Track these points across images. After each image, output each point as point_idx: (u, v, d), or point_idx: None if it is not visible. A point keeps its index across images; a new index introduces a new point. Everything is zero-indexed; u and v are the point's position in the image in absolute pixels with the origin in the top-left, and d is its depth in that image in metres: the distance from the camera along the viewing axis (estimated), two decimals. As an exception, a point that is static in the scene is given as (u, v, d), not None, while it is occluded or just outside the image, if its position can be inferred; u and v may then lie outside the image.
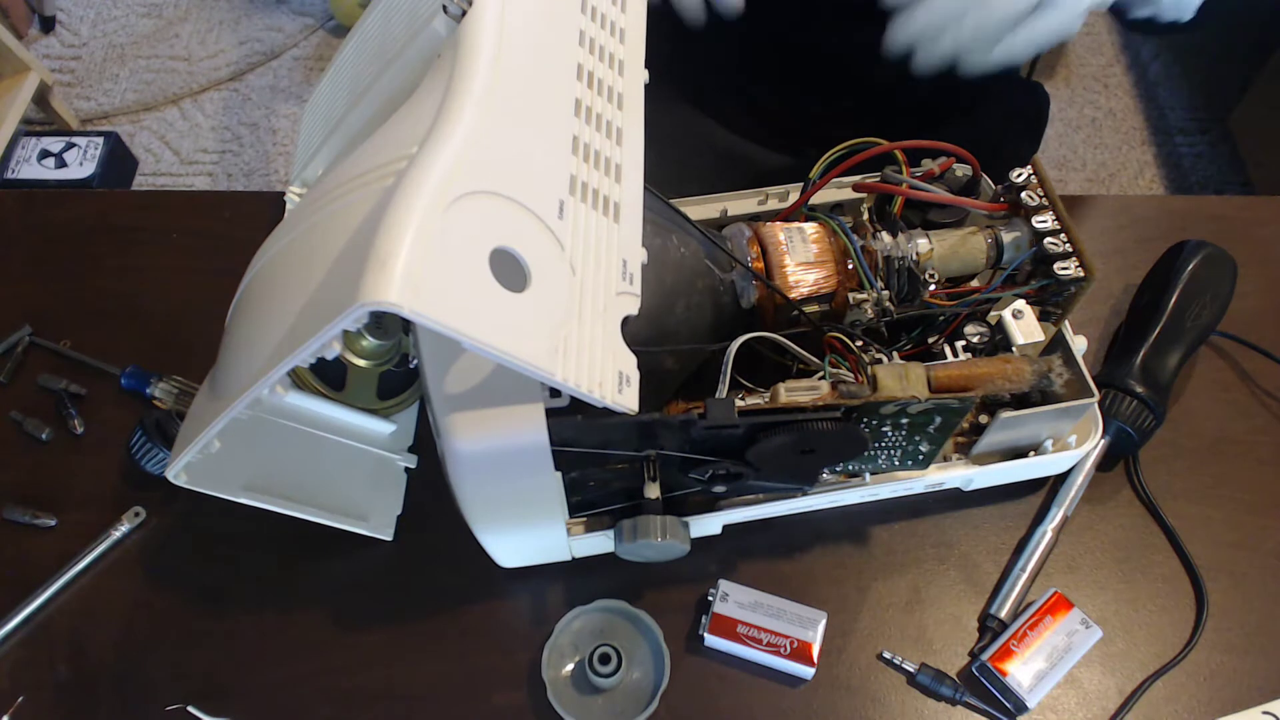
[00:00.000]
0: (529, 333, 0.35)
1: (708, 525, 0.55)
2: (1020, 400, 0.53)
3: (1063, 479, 0.59)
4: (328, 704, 0.54)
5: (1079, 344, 0.53)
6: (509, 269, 0.36)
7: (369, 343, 0.54)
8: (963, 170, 0.57)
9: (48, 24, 1.92)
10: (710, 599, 0.54)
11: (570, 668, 0.54)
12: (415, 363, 0.56)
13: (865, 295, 0.52)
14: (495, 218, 0.36)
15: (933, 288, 0.53)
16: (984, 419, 0.54)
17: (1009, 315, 0.52)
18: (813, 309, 0.52)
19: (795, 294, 0.52)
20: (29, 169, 1.61)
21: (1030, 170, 0.53)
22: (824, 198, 0.58)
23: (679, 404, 0.49)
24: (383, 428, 0.57)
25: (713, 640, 0.54)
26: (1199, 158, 1.73)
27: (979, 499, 0.59)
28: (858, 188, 0.57)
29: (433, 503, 0.58)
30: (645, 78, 0.49)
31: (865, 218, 0.56)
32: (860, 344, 0.50)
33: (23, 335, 0.66)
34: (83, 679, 0.54)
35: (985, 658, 0.53)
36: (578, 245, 0.40)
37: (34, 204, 0.74)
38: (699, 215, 0.60)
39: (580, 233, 0.40)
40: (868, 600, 0.56)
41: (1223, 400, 0.63)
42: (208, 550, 0.59)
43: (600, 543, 0.54)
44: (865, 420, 0.47)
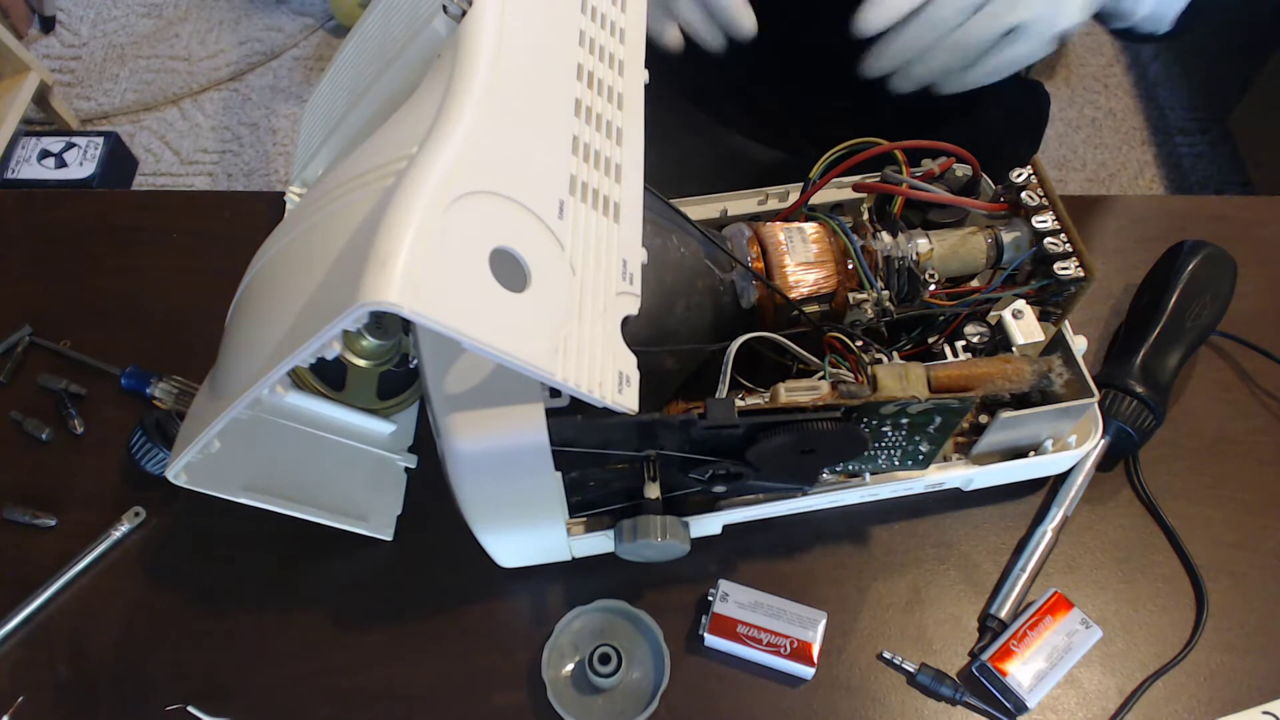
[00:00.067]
0: (529, 333, 0.35)
1: (708, 525, 0.55)
2: (1020, 400, 0.53)
3: (1063, 479, 0.59)
4: (328, 704, 0.54)
5: (1079, 344, 0.53)
6: (509, 269, 0.36)
7: (369, 343, 0.54)
8: (963, 170, 0.57)
9: (48, 24, 1.92)
10: (710, 599, 0.54)
11: (570, 668, 0.54)
12: (415, 363, 0.56)
13: (865, 295, 0.52)
14: (495, 218, 0.36)
15: (933, 288, 0.53)
16: (984, 419, 0.54)
17: (1009, 315, 0.52)
18: (813, 309, 0.52)
19: (795, 294, 0.52)
20: (29, 169, 1.61)
21: (1030, 170, 0.53)
22: (824, 198, 0.58)
23: (679, 404, 0.49)
24: (383, 428, 0.57)
25: (713, 640, 0.54)
26: (1199, 158, 1.73)
27: (979, 499, 0.59)
28: (858, 188, 0.57)
29: (433, 503, 0.58)
30: (645, 78, 0.49)
31: (865, 218, 0.56)
32: (860, 344, 0.50)
33: (23, 335, 0.66)
34: (83, 679, 0.54)
35: (985, 658, 0.53)
36: (578, 245, 0.40)
37: (34, 204, 0.74)
38: (699, 215, 0.60)
39: (580, 233, 0.40)
40: (868, 600, 0.56)
41: (1223, 400, 0.63)
42: (208, 550, 0.59)
43: (600, 543, 0.54)
44: (865, 420, 0.47)
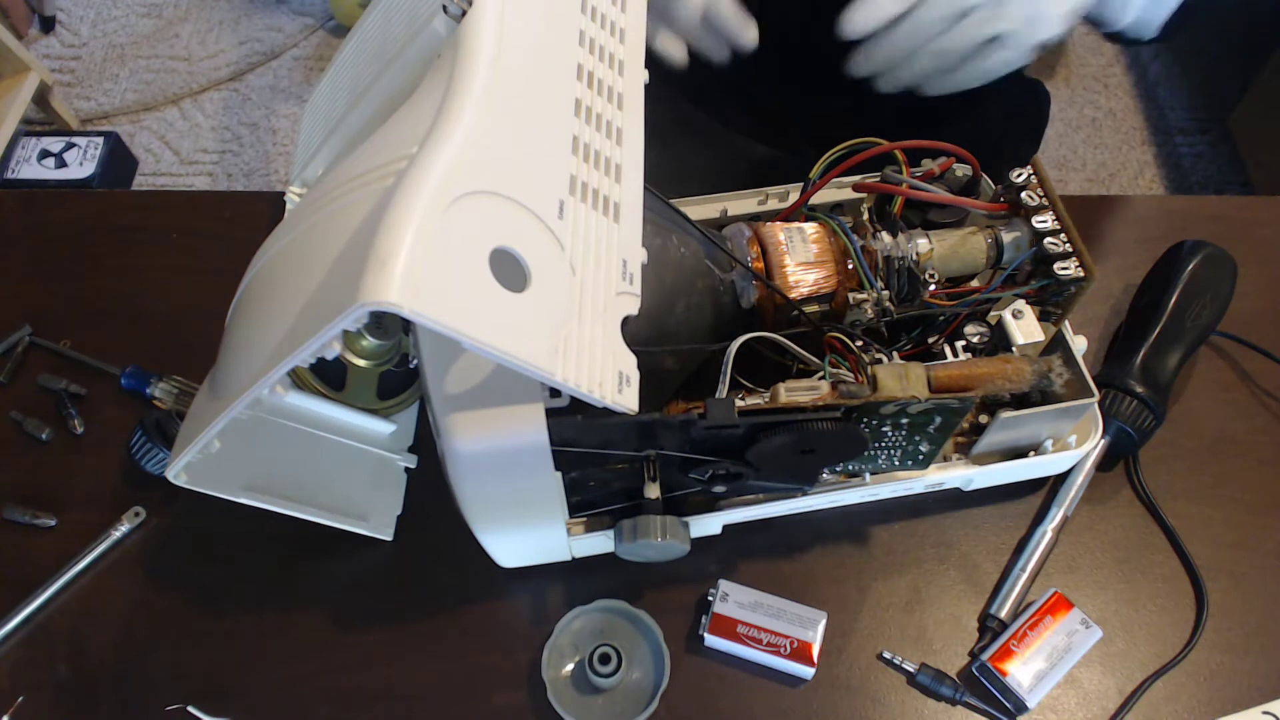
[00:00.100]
0: (529, 333, 0.35)
1: (708, 525, 0.55)
2: (1020, 400, 0.53)
3: (1063, 479, 0.59)
4: (328, 704, 0.54)
5: (1079, 344, 0.53)
6: (509, 269, 0.36)
7: (369, 343, 0.54)
8: (963, 170, 0.57)
9: (48, 24, 1.92)
10: (710, 599, 0.54)
11: (570, 668, 0.54)
12: (415, 363, 0.56)
13: (865, 295, 0.52)
14: (495, 218, 0.36)
15: (933, 288, 0.53)
16: (984, 419, 0.54)
17: (1009, 315, 0.52)
18: (813, 309, 0.52)
19: (795, 294, 0.52)
20: (29, 169, 1.61)
21: (1030, 170, 0.53)
22: (824, 198, 0.58)
23: (679, 404, 0.49)
24: (383, 428, 0.57)
25: (713, 640, 0.54)
26: (1199, 158, 1.73)
27: (979, 499, 0.59)
28: (858, 188, 0.57)
29: (433, 503, 0.58)
30: (645, 78, 0.49)
31: (865, 218, 0.56)
32: (860, 344, 0.50)
33: (23, 335, 0.66)
34: (83, 679, 0.54)
35: (985, 658, 0.53)
36: (578, 245, 0.40)
37: (34, 204, 0.74)
38: (699, 215, 0.60)
39: (580, 233, 0.40)
40: (868, 600, 0.56)
41: (1223, 400, 0.63)
42: (208, 550, 0.59)
43: (600, 543, 0.54)
44: (865, 420, 0.47)
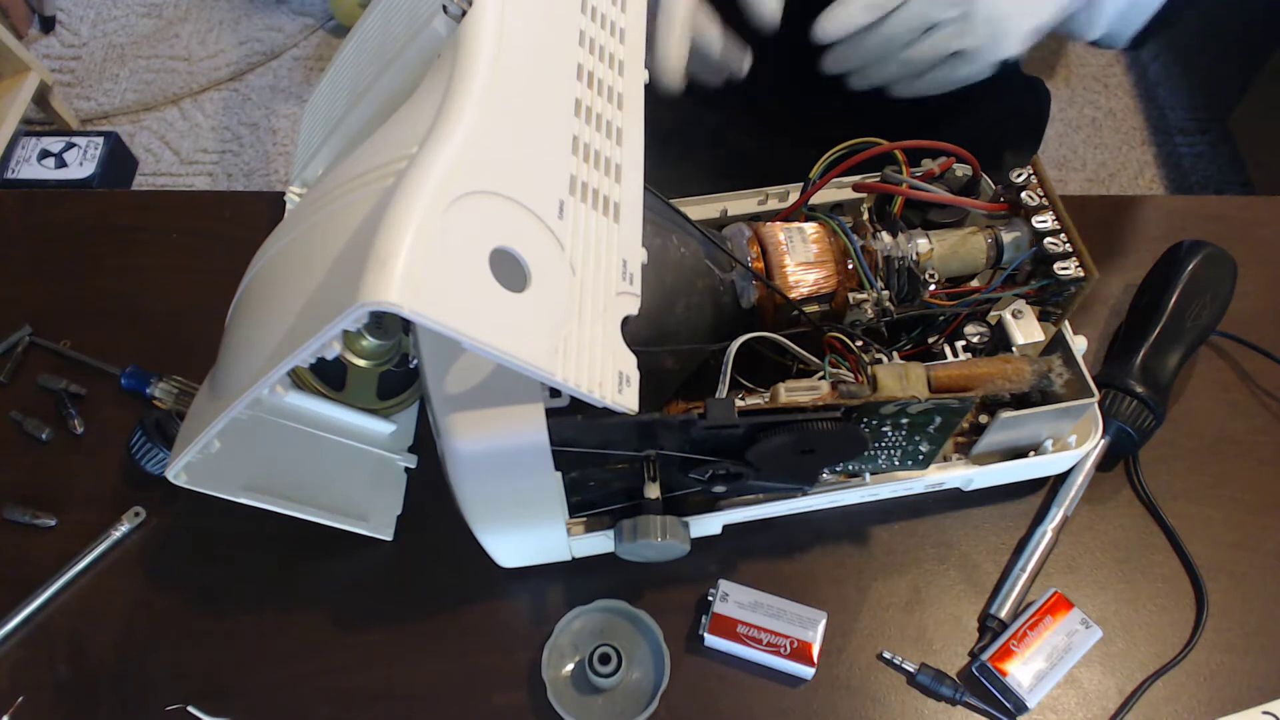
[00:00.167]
0: (529, 333, 0.35)
1: (708, 525, 0.55)
2: (1020, 400, 0.53)
3: (1063, 479, 0.59)
4: (328, 704, 0.54)
5: (1079, 344, 0.53)
6: (509, 269, 0.36)
7: (369, 343, 0.54)
8: (963, 170, 0.57)
9: (48, 24, 1.92)
10: (710, 599, 0.54)
11: (570, 668, 0.54)
12: (415, 363, 0.56)
13: (865, 295, 0.52)
14: (495, 218, 0.36)
15: (933, 288, 0.53)
16: (984, 419, 0.54)
17: (1009, 315, 0.52)
18: (813, 309, 0.52)
19: (795, 294, 0.52)
20: (29, 169, 1.61)
21: (1030, 170, 0.53)
22: (824, 198, 0.58)
23: (679, 404, 0.49)
24: (383, 428, 0.57)
25: (713, 640, 0.54)
26: (1199, 158, 1.73)
27: (979, 499, 0.59)
28: (858, 188, 0.57)
29: (433, 503, 0.58)
30: (645, 78, 0.49)
31: (865, 218, 0.56)
32: (860, 344, 0.50)
33: (23, 335, 0.66)
34: (83, 679, 0.54)
35: (985, 658, 0.53)
36: (578, 245, 0.40)
37: (34, 204, 0.74)
38: (699, 215, 0.60)
39: (580, 233, 0.40)
40: (868, 600, 0.56)
41: (1223, 400, 0.63)
42: (208, 550, 0.59)
43: (600, 543, 0.54)
44: (865, 420, 0.47)
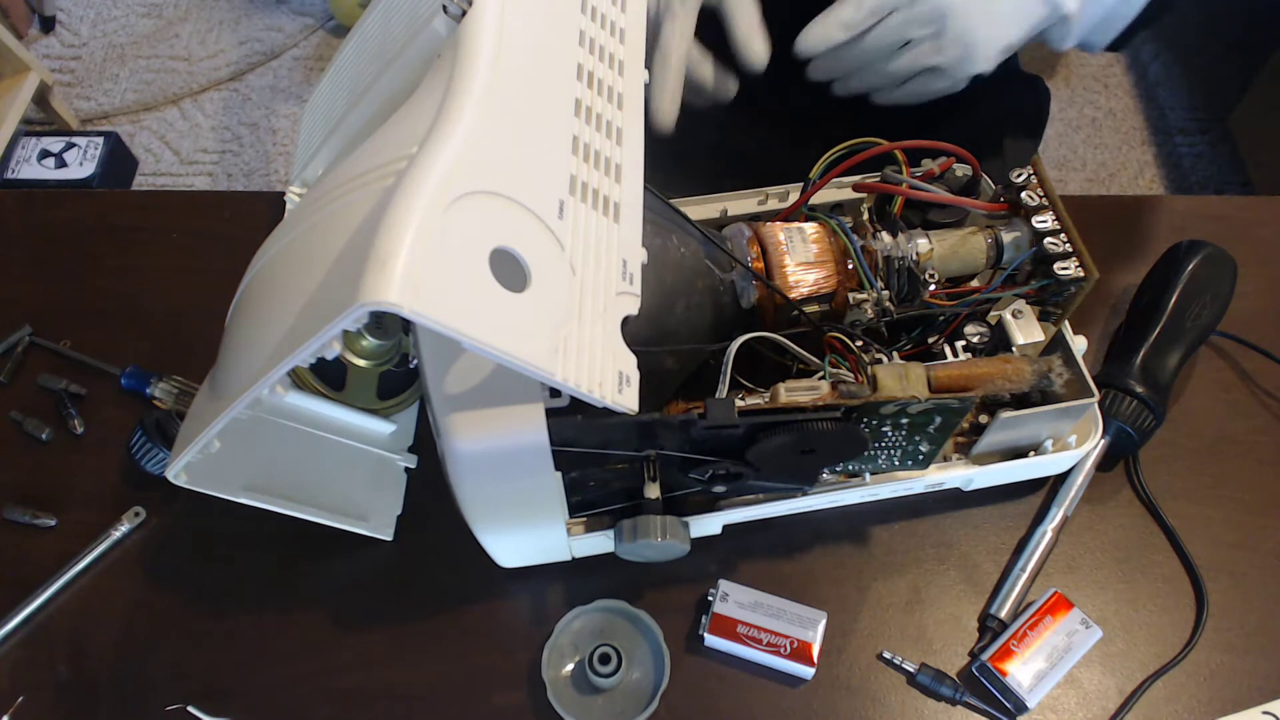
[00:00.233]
0: (529, 333, 0.35)
1: (708, 525, 0.55)
2: (1020, 400, 0.53)
3: (1063, 479, 0.59)
4: (328, 704, 0.54)
5: (1079, 344, 0.53)
6: (509, 269, 0.36)
7: (369, 343, 0.54)
8: (963, 170, 0.57)
9: (48, 24, 1.92)
10: (710, 599, 0.54)
11: (570, 668, 0.54)
12: (415, 363, 0.56)
13: (865, 295, 0.52)
14: (495, 218, 0.36)
15: (933, 288, 0.53)
16: (984, 419, 0.54)
17: (1009, 315, 0.52)
18: (813, 309, 0.52)
19: (795, 294, 0.52)
20: (29, 169, 1.61)
21: (1030, 170, 0.53)
22: (824, 198, 0.58)
23: (679, 404, 0.49)
24: (383, 428, 0.57)
25: (713, 640, 0.54)
26: (1199, 158, 1.73)
27: (979, 499, 0.59)
28: (858, 188, 0.57)
29: (433, 503, 0.58)
30: (645, 78, 0.49)
31: (865, 218, 0.56)
32: (860, 344, 0.50)
33: (23, 335, 0.66)
34: (83, 679, 0.54)
35: (985, 658, 0.53)
36: (578, 245, 0.40)
37: (34, 204, 0.74)
38: (699, 215, 0.60)
39: (580, 233, 0.40)
40: (868, 600, 0.56)
41: (1223, 400, 0.63)
42: (208, 550, 0.59)
43: (600, 543, 0.54)
44: (865, 420, 0.47)
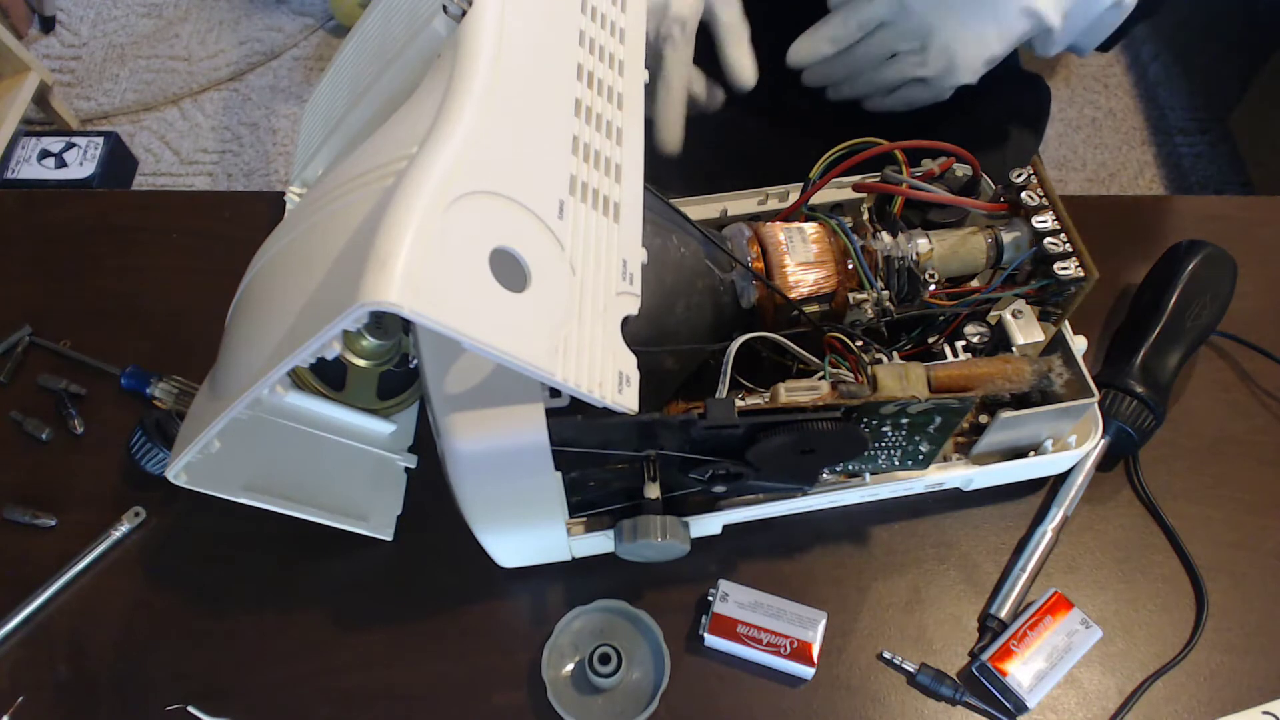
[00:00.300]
0: (529, 333, 0.35)
1: (708, 525, 0.55)
2: (1020, 400, 0.53)
3: (1063, 479, 0.59)
4: (328, 704, 0.54)
5: (1079, 344, 0.53)
6: (509, 269, 0.36)
7: (369, 343, 0.54)
8: (963, 170, 0.57)
9: (48, 24, 1.92)
10: (710, 599, 0.54)
11: (570, 668, 0.54)
12: (415, 363, 0.56)
13: (865, 295, 0.52)
14: (495, 218, 0.36)
15: (933, 288, 0.53)
16: (984, 419, 0.54)
17: (1009, 315, 0.52)
18: (813, 309, 0.52)
19: (795, 294, 0.52)
20: (29, 169, 1.61)
21: (1030, 170, 0.53)
22: (824, 198, 0.58)
23: (679, 404, 0.49)
24: (383, 428, 0.57)
25: (713, 640, 0.54)
26: (1199, 158, 1.73)
27: (979, 499, 0.59)
28: (858, 188, 0.57)
29: (433, 503, 0.58)
30: (645, 78, 0.49)
31: (865, 218, 0.56)
32: (860, 344, 0.50)
33: (23, 335, 0.66)
34: (83, 679, 0.54)
35: (985, 658, 0.53)
36: (578, 245, 0.40)
37: (34, 204, 0.74)
38: (699, 215, 0.60)
39: (580, 233, 0.40)
40: (868, 600, 0.56)
41: (1223, 400, 0.63)
42: (208, 550, 0.59)
43: (600, 543, 0.54)
44: (865, 420, 0.47)
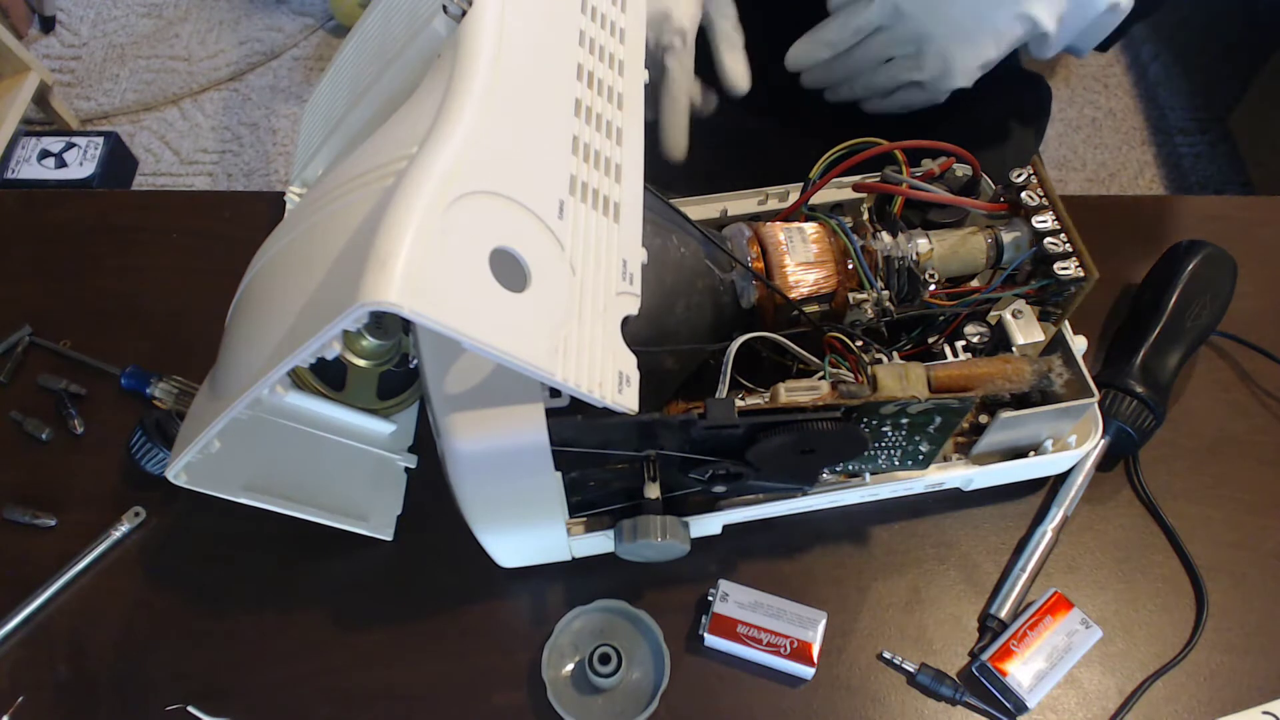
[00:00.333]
0: (529, 333, 0.35)
1: (708, 525, 0.55)
2: (1020, 400, 0.53)
3: (1063, 479, 0.59)
4: (328, 704, 0.54)
5: (1079, 344, 0.53)
6: (509, 269, 0.36)
7: (369, 343, 0.54)
8: (963, 170, 0.57)
9: (48, 24, 1.92)
10: (710, 599, 0.54)
11: (570, 668, 0.54)
12: (415, 363, 0.56)
13: (865, 295, 0.52)
14: (495, 218, 0.36)
15: (933, 288, 0.53)
16: (984, 419, 0.54)
17: (1009, 315, 0.52)
18: (813, 309, 0.52)
19: (795, 294, 0.52)
20: (29, 169, 1.61)
21: (1030, 170, 0.53)
22: (824, 198, 0.58)
23: (679, 404, 0.49)
24: (383, 428, 0.57)
25: (713, 640, 0.54)
26: (1199, 158, 1.73)
27: (979, 499, 0.59)
28: (858, 188, 0.57)
29: (433, 503, 0.58)
30: (645, 78, 0.49)
31: (865, 218, 0.56)
32: (860, 344, 0.50)
33: (23, 335, 0.66)
34: (83, 679, 0.54)
35: (985, 658, 0.53)
36: (578, 245, 0.40)
37: (34, 204, 0.74)
38: (699, 215, 0.60)
39: (580, 233, 0.40)
40: (868, 600, 0.56)
41: (1223, 400, 0.63)
42: (208, 550, 0.59)
43: (600, 543, 0.54)
44: (865, 420, 0.47)
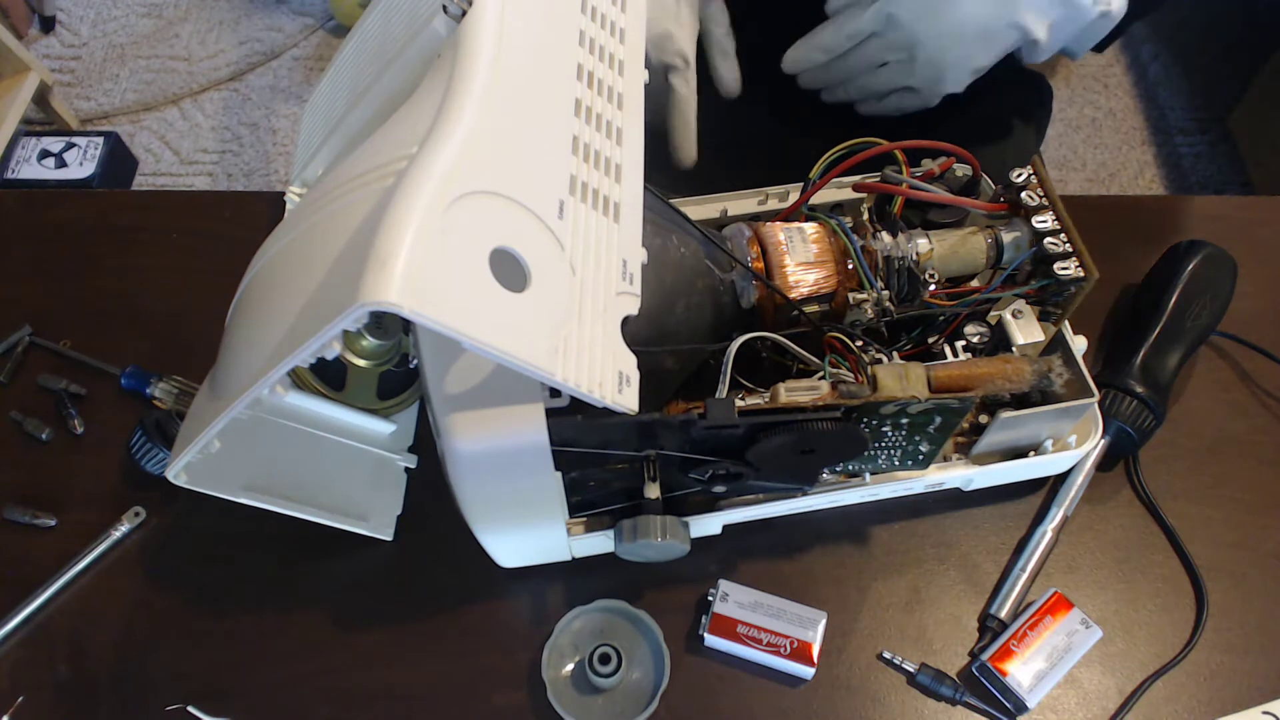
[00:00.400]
0: (529, 333, 0.35)
1: (708, 525, 0.55)
2: (1020, 400, 0.53)
3: (1063, 479, 0.59)
4: (328, 704, 0.54)
5: (1079, 344, 0.53)
6: (509, 269, 0.36)
7: (369, 343, 0.54)
8: (963, 170, 0.57)
9: (48, 24, 1.92)
10: (710, 599, 0.54)
11: (570, 668, 0.54)
12: (415, 363, 0.56)
13: (865, 295, 0.52)
14: (495, 218, 0.36)
15: (933, 288, 0.53)
16: (984, 419, 0.54)
17: (1009, 315, 0.52)
18: (813, 309, 0.52)
19: (795, 294, 0.52)
20: (29, 169, 1.61)
21: (1030, 170, 0.53)
22: (824, 198, 0.58)
23: (679, 404, 0.49)
24: (383, 428, 0.57)
25: (713, 640, 0.54)
26: (1199, 158, 1.73)
27: (979, 499, 0.59)
28: (858, 188, 0.57)
29: (433, 503, 0.58)
30: (645, 78, 0.49)
31: (865, 218, 0.56)
32: (860, 344, 0.50)
33: (23, 335, 0.66)
34: (83, 679, 0.54)
35: (985, 658, 0.53)
36: (578, 245, 0.40)
37: (34, 204, 0.74)
38: (699, 215, 0.60)
39: (580, 233, 0.40)
40: (868, 600, 0.56)
41: (1223, 400, 0.63)
42: (208, 550, 0.59)
43: (600, 543, 0.54)
44: (865, 420, 0.47)
